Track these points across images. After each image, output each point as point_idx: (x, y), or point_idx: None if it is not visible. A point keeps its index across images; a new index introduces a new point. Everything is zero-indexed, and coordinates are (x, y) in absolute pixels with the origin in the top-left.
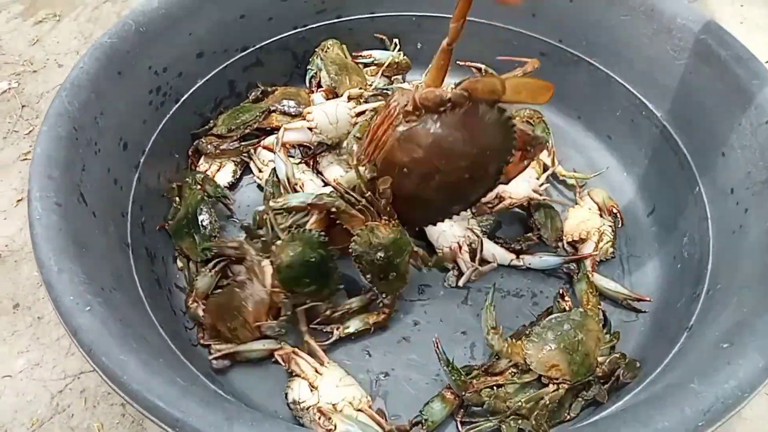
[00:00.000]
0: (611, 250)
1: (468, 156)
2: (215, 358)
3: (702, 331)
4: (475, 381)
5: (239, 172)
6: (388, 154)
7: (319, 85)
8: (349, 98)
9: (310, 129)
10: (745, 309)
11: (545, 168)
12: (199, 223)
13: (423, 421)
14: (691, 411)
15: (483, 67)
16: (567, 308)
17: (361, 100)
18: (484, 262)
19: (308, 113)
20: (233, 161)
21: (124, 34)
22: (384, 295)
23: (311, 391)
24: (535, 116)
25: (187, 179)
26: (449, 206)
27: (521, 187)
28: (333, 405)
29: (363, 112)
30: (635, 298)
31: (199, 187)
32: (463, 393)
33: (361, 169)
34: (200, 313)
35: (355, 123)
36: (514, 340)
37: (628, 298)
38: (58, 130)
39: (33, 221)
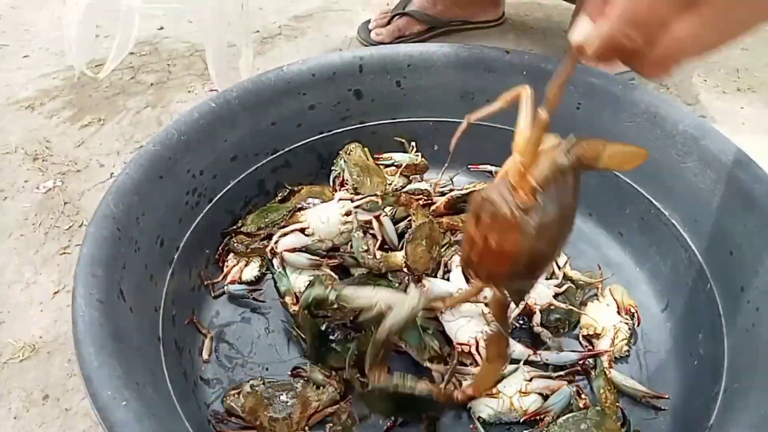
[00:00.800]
0: (626, 348)
1: (564, 219)
2: None
3: (722, 431)
4: None
5: (265, 267)
6: (518, 249)
7: (342, 185)
8: (340, 200)
9: (303, 232)
10: (763, 411)
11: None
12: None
13: None
14: None
15: (493, 169)
16: (583, 406)
17: (352, 205)
18: None
19: (300, 215)
20: (260, 257)
21: (167, 142)
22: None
23: None
24: None
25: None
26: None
27: (542, 291)
28: None
29: (349, 213)
30: (653, 395)
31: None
32: None
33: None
34: (238, 404)
35: (345, 222)
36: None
37: (646, 396)
38: (103, 231)
39: (77, 318)
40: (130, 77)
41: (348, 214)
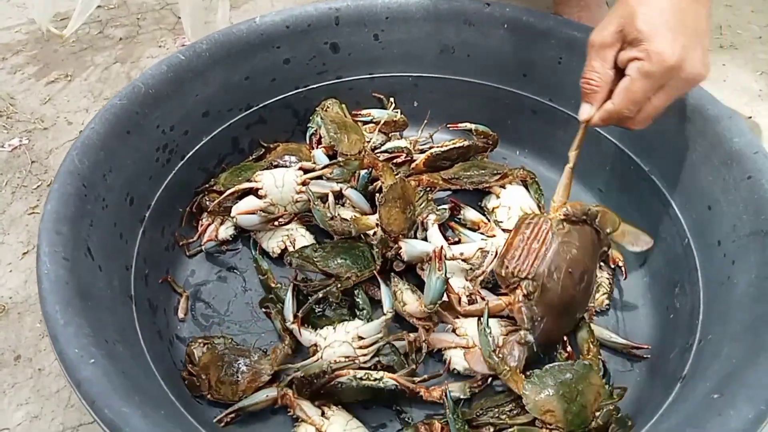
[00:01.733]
0: (607, 302)
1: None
2: (224, 424)
3: (694, 381)
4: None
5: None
6: (550, 261)
7: (319, 142)
8: (300, 168)
9: (258, 194)
10: (734, 360)
11: None
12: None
13: None
14: None
15: (473, 127)
16: (567, 357)
17: (311, 175)
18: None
19: (257, 176)
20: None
21: (133, 96)
22: None
23: None
24: (528, 176)
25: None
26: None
27: None
28: None
29: (307, 183)
30: (634, 346)
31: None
32: None
33: (524, 284)
34: (198, 354)
35: (300, 191)
36: (516, 370)
37: (627, 348)
38: (67, 187)
39: (41, 275)
40: (98, 32)
41: (304, 184)
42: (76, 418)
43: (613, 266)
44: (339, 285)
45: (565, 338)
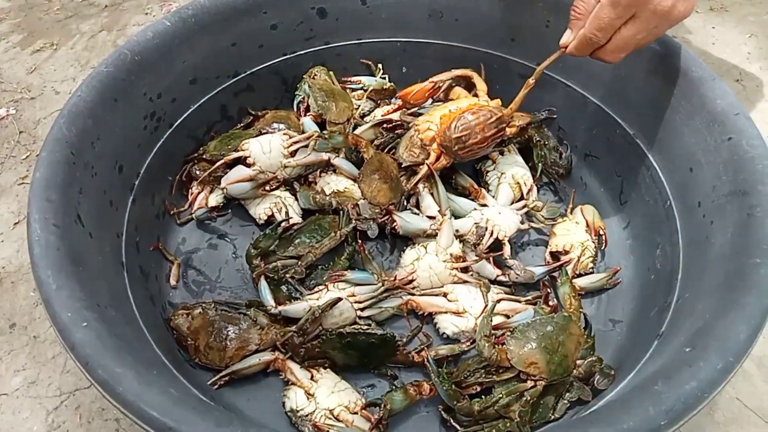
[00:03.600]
0: (591, 265)
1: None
2: (217, 387)
3: (671, 337)
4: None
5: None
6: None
7: (307, 110)
8: (284, 133)
9: (246, 162)
10: (708, 315)
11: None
12: None
13: (383, 404)
14: (655, 411)
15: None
16: (550, 311)
17: (295, 145)
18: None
19: (244, 145)
20: None
21: (119, 63)
22: None
23: (308, 398)
24: (538, 138)
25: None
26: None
27: (511, 220)
28: (330, 410)
29: (295, 152)
30: (611, 274)
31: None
32: (455, 403)
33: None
34: (183, 324)
35: (287, 156)
36: (500, 346)
37: (606, 280)
38: (56, 155)
39: (32, 242)
40: None
41: (293, 154)
42: (73, 383)
43: (596, 235)
44: (300, 263)
45: (547, 293)
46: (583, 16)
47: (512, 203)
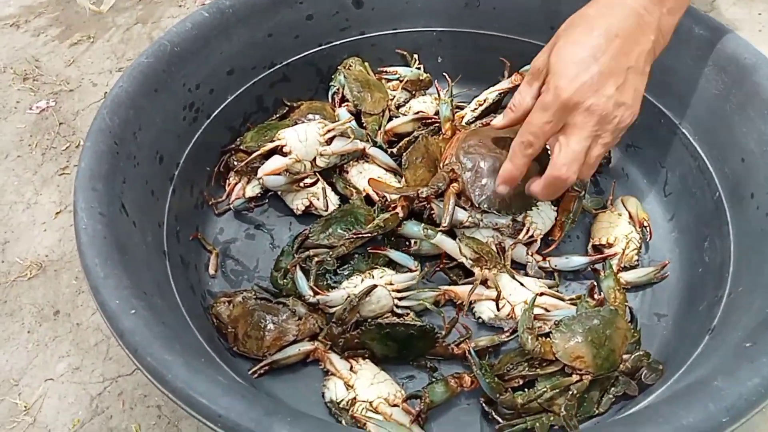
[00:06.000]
0: (636, 258)
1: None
2: (257, 375)
3: (724, 332)
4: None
5: None
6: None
7: (342, 101)
8: (319, 122)
9: (282, 152)
10: (766, 311)
11: None
12: None
13: (423, 396)
14: (715, 408)
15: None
16: (596, 304)
17: (333, 132)
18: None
19: (280, 134)
20: None
21: (160, 54)
22: None
23: (347, 389)
24: None
25: None
26: None
27: (547, 216)
28: (369, 402)
29: (332, 139)
30: (659, 268)
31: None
32: (498, 396)
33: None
34: (224, 311)
35: (324, 143)
36: (543, 338)
37: (653, 274)
38: (100, 145)
39: (79, 230)
40: None
41: (329, 142)
42: (115, 370)
43: (639, 227)
44: (331, 253)
45: (593, 286)
46: (514, 113)
47: None
